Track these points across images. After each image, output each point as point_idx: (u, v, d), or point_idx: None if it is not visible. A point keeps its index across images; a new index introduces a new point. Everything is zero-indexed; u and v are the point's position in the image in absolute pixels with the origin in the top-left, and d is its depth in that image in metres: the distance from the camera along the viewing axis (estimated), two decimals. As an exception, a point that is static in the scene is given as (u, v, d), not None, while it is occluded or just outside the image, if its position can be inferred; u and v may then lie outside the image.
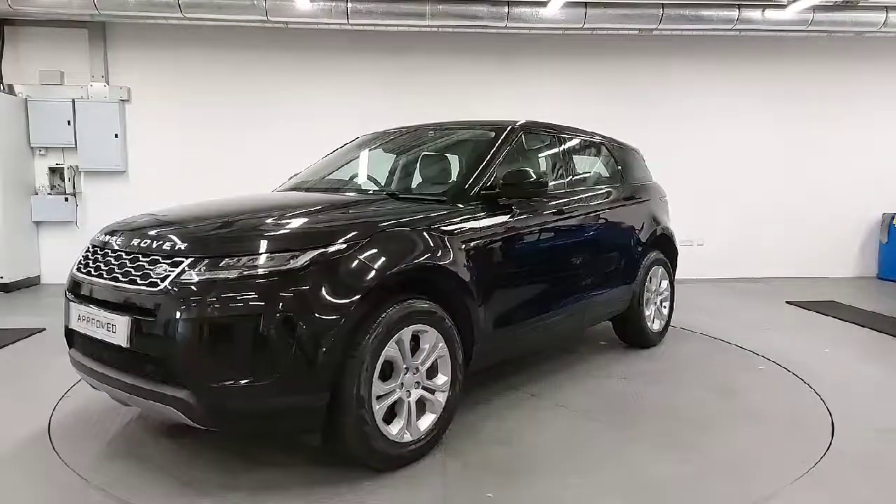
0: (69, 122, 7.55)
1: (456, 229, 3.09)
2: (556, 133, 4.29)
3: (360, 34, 7.70)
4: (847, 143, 8.55)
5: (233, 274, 2.42)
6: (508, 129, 3.83)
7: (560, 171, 4.21)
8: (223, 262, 2.46)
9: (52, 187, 7.76)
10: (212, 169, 7.87)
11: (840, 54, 8.37)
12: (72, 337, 2.96)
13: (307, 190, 3.93)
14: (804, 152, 8.52)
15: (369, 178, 4.22)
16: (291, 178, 4.35)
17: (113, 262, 2.73)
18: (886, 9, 7.23)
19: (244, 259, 2.46)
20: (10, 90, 7.53)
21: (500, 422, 3.36)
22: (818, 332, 5.53)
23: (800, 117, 8.48)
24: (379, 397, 2.65)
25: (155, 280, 2.50)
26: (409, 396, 2.81)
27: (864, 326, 5.67)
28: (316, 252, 2.52)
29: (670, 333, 5.33)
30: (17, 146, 7.44)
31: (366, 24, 7.12)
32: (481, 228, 3.24)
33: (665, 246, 5.14)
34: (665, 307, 5.12)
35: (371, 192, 3.87)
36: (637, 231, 4.72)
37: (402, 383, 2.78)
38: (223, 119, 7.91)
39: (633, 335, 4.83)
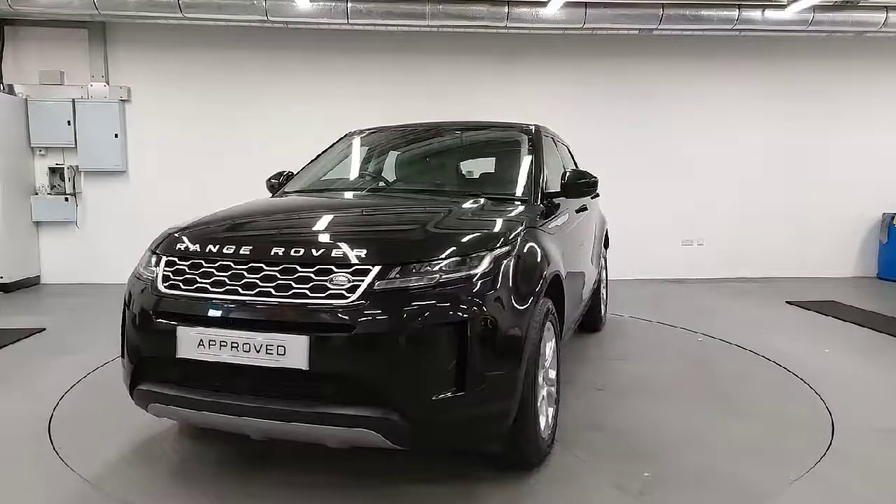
0: (69, 122, 7.55)
1: (550, 228, 3.22)
2: (547, 134, 4.37)
3: (360, 34, 7.70)
4: (847, 143, 8.54)
5: (431, 280, 2.30)
6: (535, 131, 3.97)
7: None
8: (415, 268, 2.31)
9: (52, 187, 7.76)
10: (212, 169, 7.88)
11: (840, 54, 8.36)
12: (159, 369, 2.47)
13: (366, 190, 3.75)
14: (804, 152, 8.51)
15: (428, 178, 4.05)
16: (274, 179, 4.01)
17: (247, 274, 2.37)
18: (886, 9, 7.23)
19: (435, 263, 2.34)
20: (10, 90, 7.52)
21: (566, 409, 3.44)
22: (818, 332, 5.53)
23: (800, 117, 8.47)
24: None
25: (338, 292, 2.26)
26: (542, 392, 2.84)
27: (864, 326, 5.66)
28: (495, 253, 2.47)
29: (670, 332, 5.43)
30: (17, 146, 7.44)
31: (366, 24, 7.11)
32: (559, 226, 3.41)
33: (606, 239, 5.70)
34: (604, 293, 5.62)
35: (452, 191, 3.69)
36: (598, 224, 5.26)
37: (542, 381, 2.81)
38: (223, 119, 7.91)
39: (591, 319, 5.16)
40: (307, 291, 2.28)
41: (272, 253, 2.39)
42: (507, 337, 2.39)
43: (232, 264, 2.41)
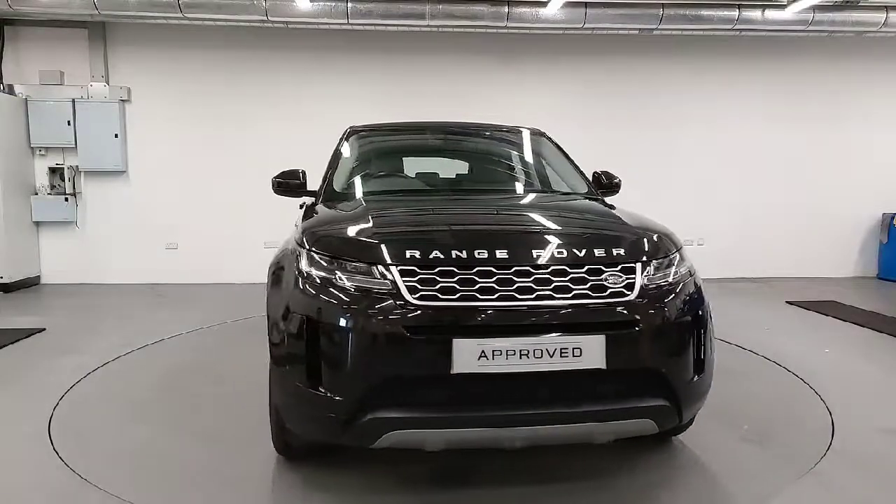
0: (69, 122, 7.55)
1: None
2: None
3: (360, 34, 7.70)
4: (847, 143, 8.54)
5: (674, 273, 2.54)
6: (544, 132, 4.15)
7: None
8: (664, 264, 2.54)
9: (52, 187, 7.76)
10: (212, 169, 7.88)
11: (840, 54, 8.36)
12: (415, 391, 2.26)
13: (447, 190, 3.84)
14: (804, 152, 8.50)
15: (492, 176, 4.12)
16: (282, 178, 3.58)
17: (516, 278, 2.29)
18: (886, 9, 7.22)
19: (668, 259, 2.57)
20: (10, 90, 7.52)
21: None
22: (818, 332, 5.53)
23: (800, 117, 8.47)
24: None
25: (618, 290, 2.35)
26: None
27: (864, 326, 5.66)
28: (682, 248, 2.75)
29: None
30: (17, 146, 7.44)
31: (366, 24, 7.11)
32: None
33: None
34: None
35: (541, 190, 3.85)
36: None
37: None
38: (223, 119, 7.90)
39: None
40: (589, 292, 2.34)
41: (535, 255, 2.37)
42: (710, 320, 2.64)
43: (493, 269, 2.30)
